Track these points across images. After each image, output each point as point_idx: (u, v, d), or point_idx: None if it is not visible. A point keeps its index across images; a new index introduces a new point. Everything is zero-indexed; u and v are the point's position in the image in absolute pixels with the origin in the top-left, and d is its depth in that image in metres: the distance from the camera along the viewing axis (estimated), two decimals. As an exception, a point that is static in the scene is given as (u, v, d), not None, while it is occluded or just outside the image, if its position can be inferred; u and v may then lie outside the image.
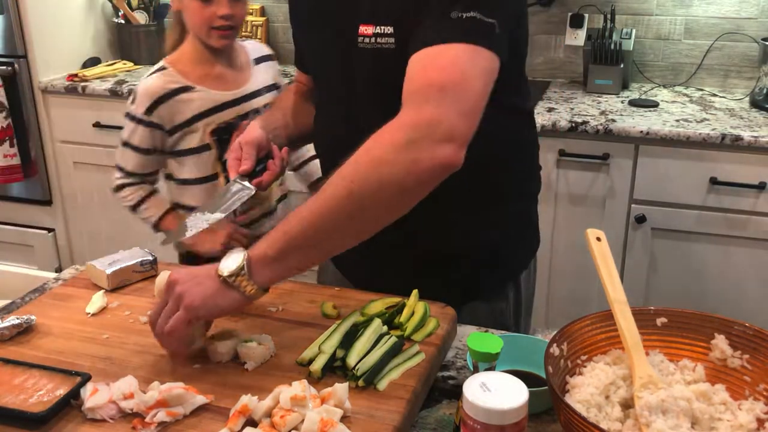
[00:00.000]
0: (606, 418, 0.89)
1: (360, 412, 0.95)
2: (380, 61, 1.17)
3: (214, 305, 1.03)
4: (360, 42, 1.18)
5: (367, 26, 1.17)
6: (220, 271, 1.03)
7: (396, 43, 1.14)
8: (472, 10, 1.07)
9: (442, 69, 1.04)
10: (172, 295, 1.03)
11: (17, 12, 2.79)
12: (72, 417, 0.96)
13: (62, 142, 2.95)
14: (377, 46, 1.16)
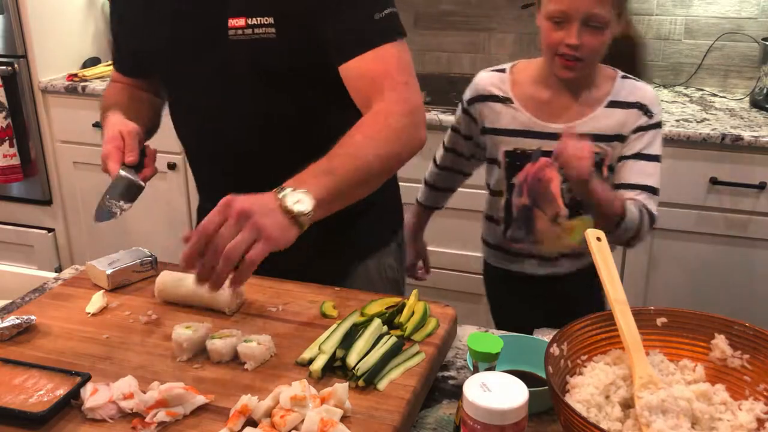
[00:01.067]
0: (606, 418, 0.89)
1: (360, 412, 0.95)
2: (259, 50, 1.26)
3: (287, 239, 1.06)
4: (232, 35, 1.26)
5: (238, 19, 1.26)
6: (294, 208, 1.06)
7: (277, 33, 1.25)
8: (388, 7, 1.27)
9: (398, 68, 1.26)
10: (244, 223, 1.02)
11: (17, 12, 2.79)
12: (72, 417, 0.96)
13: (62, 142, 2.95)
14: (254, 37, 1.25)
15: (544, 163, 1.47)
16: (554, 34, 1.47)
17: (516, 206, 1.59)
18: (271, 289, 1.27)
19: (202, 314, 1.19)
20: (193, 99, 1.40)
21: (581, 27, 1.44)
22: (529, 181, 1.50)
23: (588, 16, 1.43)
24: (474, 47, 2.98)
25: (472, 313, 2.53)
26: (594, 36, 1.45)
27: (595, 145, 1.50)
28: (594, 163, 1.45)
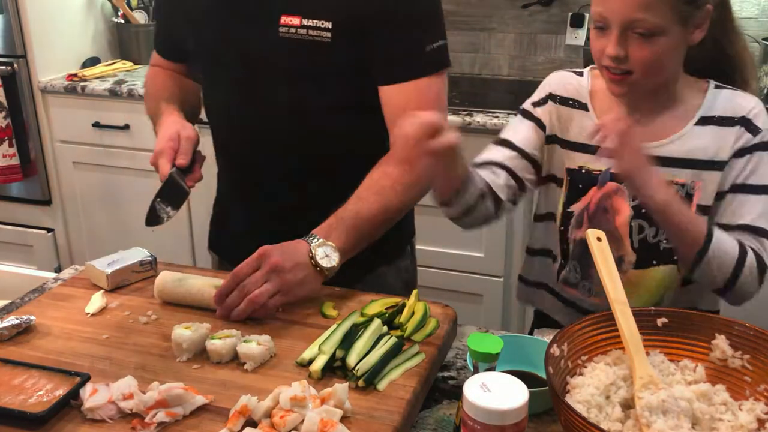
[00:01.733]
0: (606, 418, 0.89)
1: (360, 412, 0.95)
2: (309, 51, 1.28)
3: (308, 292, 1.21)
4: (283, 32, 1.27)
5: (292, 17, 1.27)
6: (321, 263, 1.19)
7: (332, 38, 1.26)
8: (439, 39, 1.29)
9: (435, 103, 1.28)
10: (274, 276, 1.16)
11: (17, 12, 2.79)
12: (71, 417, 0.95)
13: (62, 141, 2.95)
14: (308, 38, 1.26)
15: (611, 189, 1.25)
16: (596, 42, 1.21)
17: (573, 240, 1.31)
18: (270, 289, 1.27)
19: (201, 314, 1.19)
20: (229, 88, 1.40)
21: (624, 34, 1.16)
22: (592, 209, 1.27)
23: (630, 22, 1.14)
24: (474, 47, 2.98)
25: (472, 313, 2.53)
26: (642, 45, 1.15)
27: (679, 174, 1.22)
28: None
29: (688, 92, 1.26)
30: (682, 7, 1.15)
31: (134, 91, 2.72)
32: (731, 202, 1.22)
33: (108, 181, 2.93)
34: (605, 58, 1.19)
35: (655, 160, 1.17)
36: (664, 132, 1.24)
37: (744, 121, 1.22)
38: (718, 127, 1.23)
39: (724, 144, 1.22)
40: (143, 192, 2.90)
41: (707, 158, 1.22)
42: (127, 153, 2.84)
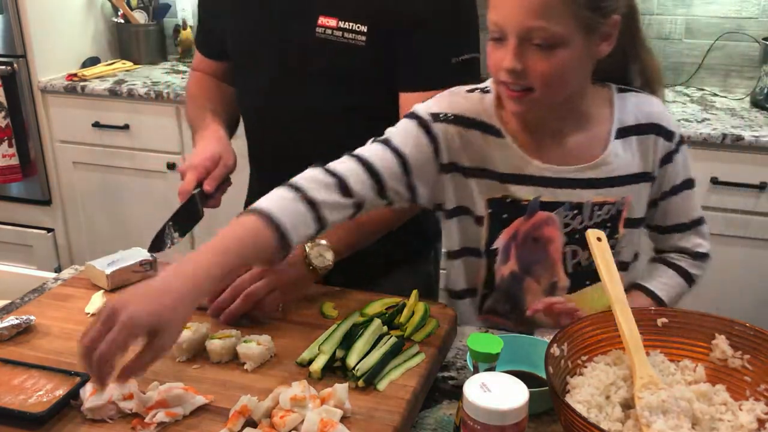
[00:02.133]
0: (606, 418, 0.89)
1: (360, 412, 0.95)
2: (344, 53, 1.27)
3: (301, 290, 1.22)
4: (319, 32, 1.28)
5: (329, 18, 1.27)
6: (315, 263, 1.20)
7: (367, 41, 1.25)
8: (468, 52, 1.27)
9: None
10: (270, 275, 1.17)
11: (17, 12, 2.79)
12: (71, 417, 0.95)
13: (61, 141, 2.95)
14: (342, 40, 1.26)
15: (542, 219, 1.16)
16: (493, 55, 1.08)
17: (500, 275, 1.21)
18: (270, 289, 1.27)
19: (201, 314, 1.19)
20: (263, 87, 1.40)
21: (522, 45, 1.03)
22: (520, 240, 1.17)
23: (528, 31, 1.02)
24: (474, 47, 2.98)
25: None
26: (542, 58, 1.03)
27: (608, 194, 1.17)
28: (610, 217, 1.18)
29: (594, 103, 1.17)
30: (586, 15, 1.03)
31: (134, 91, 2.72)
32: (665, 206, 1.25)
33: (108, 181, 2.93)
34: (502, 73, 1.06)
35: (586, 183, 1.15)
36: (585, 154, 1.16)
37: (657, 127, 1.18)
38: (636, 137, 1.18)
39: (647, 155, 1.18)
40: (143, 192, 2.92)
41: (635, 172, 1.18)
42: (127, 153, 2.84)
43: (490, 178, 1.16)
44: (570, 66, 1.06)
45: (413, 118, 1.16)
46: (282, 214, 1.02)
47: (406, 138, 1.15)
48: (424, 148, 1.15)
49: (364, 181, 1.11)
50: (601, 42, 1.08)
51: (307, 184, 1.08)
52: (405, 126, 1.16)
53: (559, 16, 1.01)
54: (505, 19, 1.04)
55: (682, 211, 1.27)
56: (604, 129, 1.17)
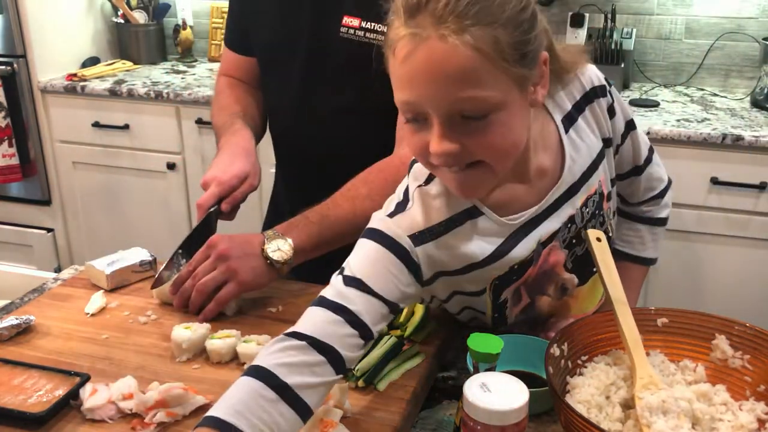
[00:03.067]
0: (606, 418, 0.89)
1: (360, 412, 0.95)
2: (366, 53, 1.23)
3: (259, 283, 1.19)
4: (343, 32, 1.28)
5: (353, 18, 1.28)
6: (271, 256, 1.17)
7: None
8: None
9: None
10: (221, 264, 1.16)
11: (17, 12, 2.79)
12: (71, 417, 0.95)
13: (61, 141, 2.95)
14: (365, 40, 1.27)
15: (547, 252, 1.07)
16: (414, 139, 0.91)
17: (513, 314, 1.13)
18: (271, 289, 1.26)
19: (201, 314, 1.19)
20: (288, 85, 1.40)
21: (450, 122, 0.86)
22: (531, 280, 1.08)
23: (454, 105, 0.85)
24: (474, 47, 2.98)
25: (472, 313, 2.53)
26: (478, 130, 0.87)
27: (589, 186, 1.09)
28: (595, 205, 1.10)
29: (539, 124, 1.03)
30: (515, 70, 0.86)
31: (134, 90, 2.72)
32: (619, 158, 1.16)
33: (108, 181, 2.93)
34: (433, 157, 0.89)
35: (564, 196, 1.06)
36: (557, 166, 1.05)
37: (592, 91, 1.08)
38: (581, 115, 1.07)
39: (600, 123, 1.09)
40: (143, 192, 2.92)
41: (598, 150, 1.09)
42: (127, 153, 2.84)
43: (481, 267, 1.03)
44: (512, 126, 0.89)
45: (389, 246, 0.95)
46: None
47: (386, 277, 0.94)
48: (405, 282, 0.96)
49: (357, 344, 0.91)
50: (535, 88, 0.92)
51: (292, 377, 0.85)
52: (380, 260, 0.95)
53: (489, 79, 0.85)
54: (422, 97, 0.86)
55: (635, 154, 1.18)
56: (550, 129, 1.05)
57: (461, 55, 0.82)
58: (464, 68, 0.83)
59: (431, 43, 0.83)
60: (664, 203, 1.30)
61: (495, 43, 0.83)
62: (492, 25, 0.84)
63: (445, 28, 0.82)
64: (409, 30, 0.84)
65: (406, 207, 0.99)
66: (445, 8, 0.83)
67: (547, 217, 1.05)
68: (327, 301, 0.92)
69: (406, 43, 0.85)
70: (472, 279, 1.04)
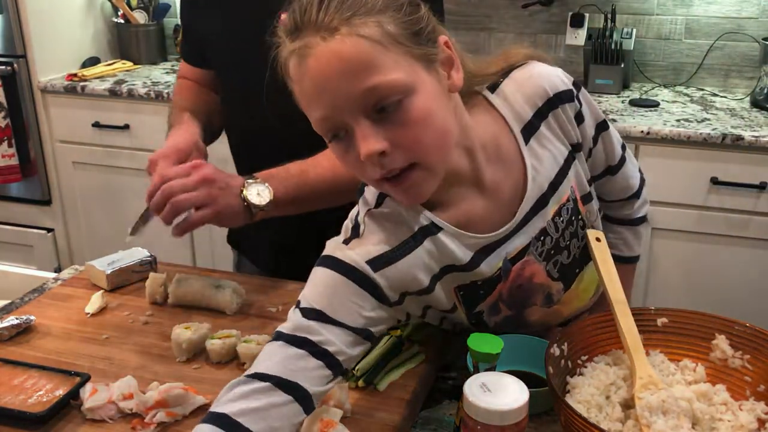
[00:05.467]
0: (606, 418, 0.89)
1: (360, 412, 0.95)
2: None
3: (232, 221, 1.19)
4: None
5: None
6: (250, 199, 1.17)
7: None
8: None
9: None
10: (203, 187, 1.14)
11: (17, 12, 2.79)
12: (71, 417, 0.95)
13: (61, 141, 2.95)
14: None
15: (519, 268, 1.03)
16: (347, 157, 0.88)
17: (492, 322, 1.07)
18: (271, 289, 1.27)
19: (201, 315, 1.19)
20: (242, 92, 1.40)
21: (368, 121, 0.84)
22: (506, 296, 1.04)
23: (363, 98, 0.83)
24: (474, 47, 2.98)
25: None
26: (399, 121, 0.84)
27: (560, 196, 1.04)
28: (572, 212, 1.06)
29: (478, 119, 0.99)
30: (411, 49, 0.85)
31: (134, 91, 2.72)
32: (592, 161, 1.09)
33: (108, 181, 2.93)
34: (369, 167, 0.86)
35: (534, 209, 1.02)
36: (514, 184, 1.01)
37: (556, 97, 1.01)
38: (544, 122, 1.02)
39: (566, 129, 1.04)
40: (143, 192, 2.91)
41: (565, 156, 1.04)
42: (127, 153, 2.84)
43: (449, 272, 0.99)
44: (433, 110, 0.86)
45: (346, 274, 0.91)
46: None
47: (347, 306, 0.91)
48: (370, 307, 0.92)
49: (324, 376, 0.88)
50: (448, 72, 0.90)
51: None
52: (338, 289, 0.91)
53: (386, 61, 0.83)
54: (330, 105, 0.84)
55: (609, 155, 1.11)
56: (510, 143, 1.00)
57: (349, 46, 0.82)
58: (357, 58, 0.82)
59: (318, 49, 0.83)
60: (641, 201, 1.23)
61: (379, 27, 0.83)
62: (370, 14, 0.83)
63: (325, 30, 0.82)
64: (294, 46, 0.85)
65: (359, 232, 0.95)
66: (318, 13, 0.83)
67: (515, 233, 1.01)
68: (286, 336, 0.87)
69: (296, 61, 0.85)
70: (437, 297, 0.99)
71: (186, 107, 1.45)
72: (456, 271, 0.98)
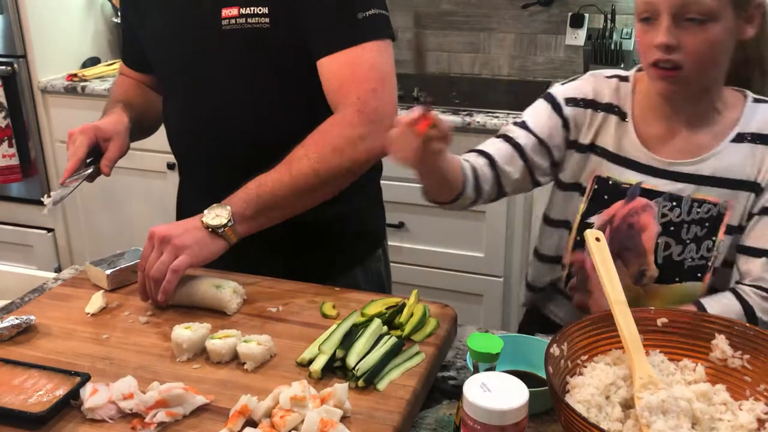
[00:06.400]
0: (606, 418, 0.89)
1: (360, 412, 0.95)
2: (252, 40, 1.27)
3: (209, 252, 1.20)
4: (225, 24, 1.27)
5: (230, 9, 1.27)
6: (210, 222, 1.19)
7: (271, 23, 1.26)
8: (374, 8, 1.26)
9: (369, 73, 1.25)
10: (165, 246, 1.17)
11: (17, 12, 2.79)
12: (71, 417, 0.95)
13: (62, 142, 2.95)
14: (247, 27, 1.26)
15: (640, 206, 1.19)
16: (644, 37, 1.15)
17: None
18: (271, 289, 1.27)
19: (201, 314, 1.19)
20: (187, 92, 1.40)
21: (675, 22, 1.10)
22: (616, 224, 1.21)
23: (681, 6, 1.09)
24: (474, 47, 2.98)
25: (472, 313, 2.53)
26: (695, 33, 1.10)
27: (710, 192, 1.18)
28: (710, 218, 1.18)
29: (725, 104, 1.21)
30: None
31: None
32: (755, 224, 1.18)
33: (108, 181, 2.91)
34: (653, 51, 1.13)
35: (689, 178, 1.19)
36: (699, 149, 1.20)
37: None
38: (753, 144, 1.19)
39: (760, 165, 1.18)
40: (143, 192, 2.92)
41: (741, 178, 1.18)
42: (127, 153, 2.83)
43: (600, 155, 1.25)
44: (720, 42, 1.12)
45: (549, 100, 1.29)
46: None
47: (539, 119, 1.28)
48: (555, 128, 1.27)
49: (514, 160, 1.27)
50: (746, 24, 1.14)
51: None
52: (539, 107, 1.30)
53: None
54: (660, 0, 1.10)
55: (756, 237, 1.18)
56: (726, 130, 1.20)
57: None
58: None
59: None
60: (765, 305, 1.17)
61: None
62: None
63: None
64: None
65: (576, 78, 1.30)
66: None
67: (662, 175, 1.20)
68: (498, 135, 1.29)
69: None
70: (587, 164, 1.26)
71: (120, 100, 1.47)
72: (602, 156, 1.25)
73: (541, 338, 1.09)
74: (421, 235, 2.53)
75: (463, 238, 2.48)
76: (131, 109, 1.44)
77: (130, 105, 1.45)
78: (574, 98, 1.28)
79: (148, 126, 1.52)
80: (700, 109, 1.20)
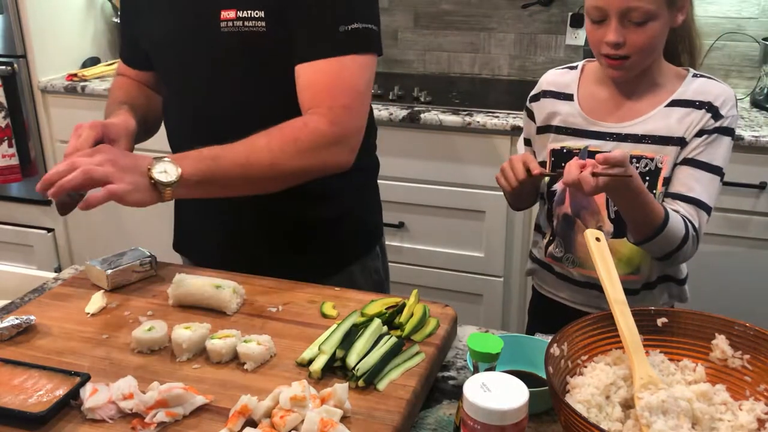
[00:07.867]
0: (606, 418, 0.89)
1: (360, 412, 0.95)
2: (248, 42, 1.28)
3: (139, 199, 1.15)
4: (223, 26, 1.28)
5: (229, 11, 1.27)
6: (156, 176, 1.15)
7: (267, 26, 1.26)
8: (357, 21, 1.27)
9: (344, 87, 1.27)
10: (106, 163, 1.12)
11: (17, 12, 2.79)
12: (71, 417, 0.95)
13: (62, 142, 2.95)
14: (244, 29, 1.27)
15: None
16: (595, 33, 1.35)
17: (557, 216, 1.48)
18: (271, 289, 1.27)
19: (201, 314, 1.19)
20: (186, 91, 1.41)
21: (621, 23, 1.31)
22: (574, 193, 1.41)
23: (627, 11, 1.29)
24: (474, 47, 2.98)
25: (472, 313, 2.53)
26: (638, 32, 1.31)
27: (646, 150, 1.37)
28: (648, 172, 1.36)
29: (666, 79, 1.41)
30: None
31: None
32: (682, 174, 1.37)
33: (108, 181, 2.92)
34: (604, 47, 1.34)
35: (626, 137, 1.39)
36: (638, 114, 1.40)
37: (710, 107, 1.37)
38: (684, 108, 1.38)
39: (689, 124, 1.37)
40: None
41: (670, 135, 1.37)
42: (127, 153, 2.83)
43: (554, 132, 1.47)
44: (658, 35, 1.33)
45: (525, 109, 1.56)
46: None
47: (525, 127, 1.57)
48: (529, 124, 1.55)
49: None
50: (677, 13, 1.34)
51: None
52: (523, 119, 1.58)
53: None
54: (607, 4, 1.30)
55: (687, 183, 1.37)
56: (663, 99, 1.40)
57: None
58: None
59: None
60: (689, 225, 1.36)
61: None
62: None
63: None
64: None
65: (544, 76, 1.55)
66: None
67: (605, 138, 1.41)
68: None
69: None
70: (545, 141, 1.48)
71: (124, 102, 1.45)
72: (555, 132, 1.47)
73: (541, 338, 1.09)
74: (421, 235, 2.53)
75: (463, 238, 2.48)
76: (136, 111, 1.43)
77: (134, 107, 1.44)
78: (534, 94, 1.53)
79: (150, 127, 1.51)
80: (641, 84, 1.41)
